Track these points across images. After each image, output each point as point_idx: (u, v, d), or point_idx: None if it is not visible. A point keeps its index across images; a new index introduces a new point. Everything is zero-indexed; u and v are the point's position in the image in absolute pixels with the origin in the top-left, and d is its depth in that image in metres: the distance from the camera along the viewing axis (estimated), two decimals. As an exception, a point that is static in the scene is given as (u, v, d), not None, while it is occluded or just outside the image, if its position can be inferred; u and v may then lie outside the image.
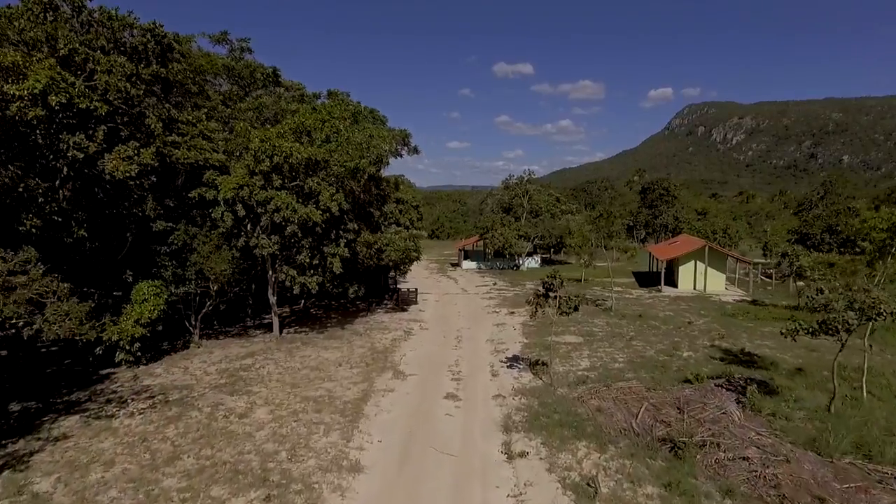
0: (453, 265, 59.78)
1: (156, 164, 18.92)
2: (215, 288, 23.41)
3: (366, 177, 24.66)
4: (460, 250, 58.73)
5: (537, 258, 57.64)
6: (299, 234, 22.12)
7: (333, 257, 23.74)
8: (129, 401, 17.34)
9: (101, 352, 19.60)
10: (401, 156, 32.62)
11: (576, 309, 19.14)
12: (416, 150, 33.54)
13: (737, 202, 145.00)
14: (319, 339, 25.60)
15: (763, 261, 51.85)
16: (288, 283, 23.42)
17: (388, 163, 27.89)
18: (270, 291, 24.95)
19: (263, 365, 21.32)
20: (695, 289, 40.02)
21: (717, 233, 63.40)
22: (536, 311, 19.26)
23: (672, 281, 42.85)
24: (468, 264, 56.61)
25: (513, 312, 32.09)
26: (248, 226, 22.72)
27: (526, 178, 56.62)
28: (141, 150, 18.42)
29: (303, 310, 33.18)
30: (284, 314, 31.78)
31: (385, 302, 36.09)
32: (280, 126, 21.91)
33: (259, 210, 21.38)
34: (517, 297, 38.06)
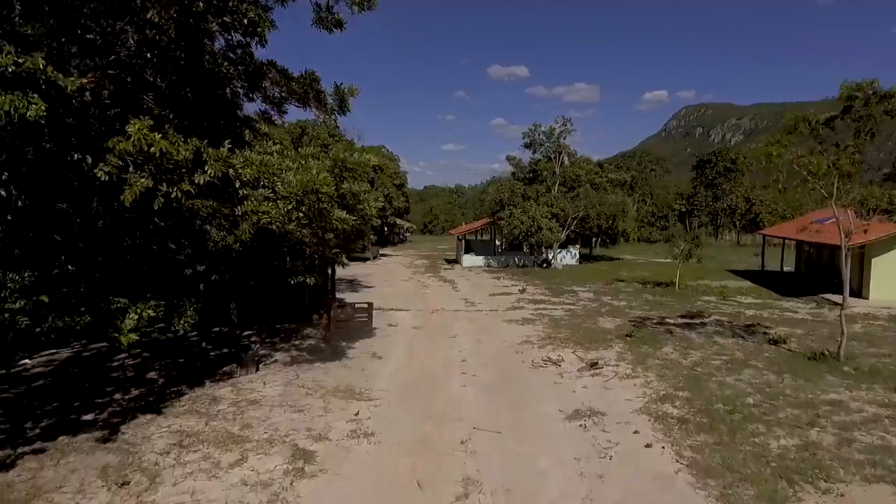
0: (449, 262, 41.01)
1: None
2: None
3: None
4: (459, 239, 39.95)
5: (574, 250, 38.88)
6: None
7: None
8: None
9: None
10: None
11: None
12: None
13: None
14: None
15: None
16: None
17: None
18: None
19: None
20: (905, 300, 21.36)
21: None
22: None
23: (835, 284, 24.19)
24: (471, 260, 37.82)
25: (596, 367, 13.13)
26: None
27: (559, 130, 37.79)
28: None
29: (98, 355, 14.23)
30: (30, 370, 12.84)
31: (310, 330, 17.26)
32: None
33: None
34: (576, 317, 19.19)
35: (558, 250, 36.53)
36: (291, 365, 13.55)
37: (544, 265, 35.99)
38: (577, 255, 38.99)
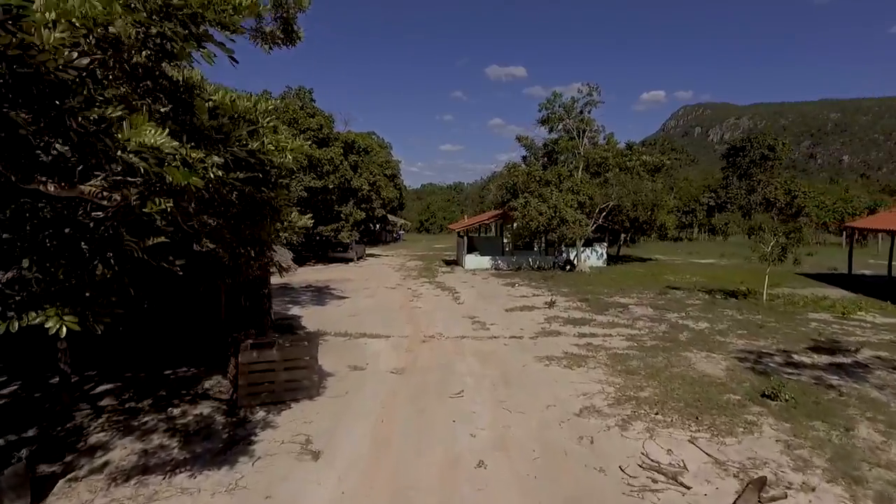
0: (448, 263, 34.08)
1: None
2: None
3: None
4: (461, 236, 32.99)
5: (601, 249, 31.97)
6: None
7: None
8: None
9: None
10: None
11: None
12: None
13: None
14: None
15: None
16: None
17: None
18: None
19: None
20: None
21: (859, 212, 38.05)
22: None
23: None
24: (475, 261, 30.86)
25: (770, 497, 6.21)
26: None
27: (582, 101, 30.75)
28: None
29: None
30: None
31: (217, 380, 10.34)
32: None
33: None
34: (648, 352, 12.13)
35: (582, 248, 29.64)
36: (130, 478, 6.60)
37: (567, 267, 29.04)
38: (605, 255, 32.08)
